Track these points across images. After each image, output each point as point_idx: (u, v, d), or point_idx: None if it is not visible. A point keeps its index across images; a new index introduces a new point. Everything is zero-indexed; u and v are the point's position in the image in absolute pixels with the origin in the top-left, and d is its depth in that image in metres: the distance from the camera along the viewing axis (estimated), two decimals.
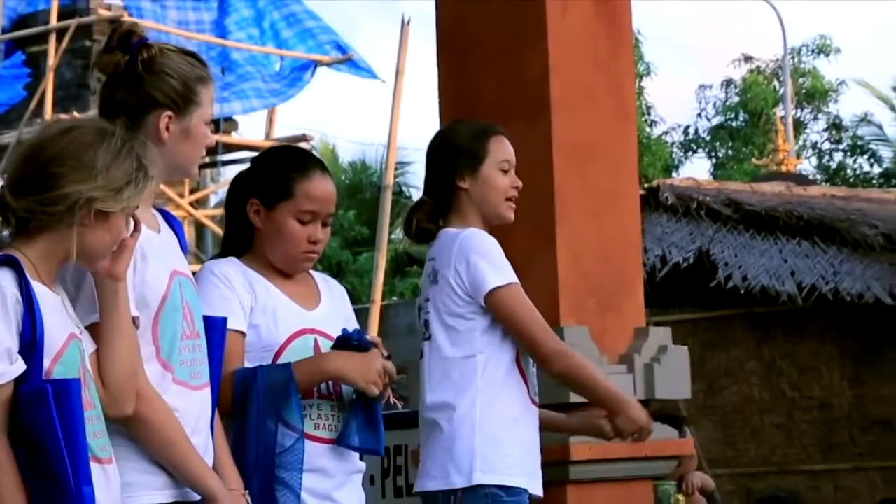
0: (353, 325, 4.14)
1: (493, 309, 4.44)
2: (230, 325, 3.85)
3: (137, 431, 3.41)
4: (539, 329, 4.47)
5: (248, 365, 3.96)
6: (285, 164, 4.16)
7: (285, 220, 4.05)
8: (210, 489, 3.55)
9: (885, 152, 33.39)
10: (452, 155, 4.62)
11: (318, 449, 3.97)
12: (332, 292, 4.22)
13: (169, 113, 3.62)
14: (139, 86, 3.63)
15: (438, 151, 4.71)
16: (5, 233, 3.27)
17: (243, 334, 3.96)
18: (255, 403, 3.88)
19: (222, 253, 4.19)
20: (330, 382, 4.05)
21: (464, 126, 4.75)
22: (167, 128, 3.61)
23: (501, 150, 4.60)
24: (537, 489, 4.50)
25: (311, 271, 4.24)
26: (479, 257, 4.45)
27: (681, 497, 6.84)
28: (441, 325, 4.50)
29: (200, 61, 3.76)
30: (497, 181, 4.57)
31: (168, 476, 3.51)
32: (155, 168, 3.39)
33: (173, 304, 3.56)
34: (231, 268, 4.05)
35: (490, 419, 4.41)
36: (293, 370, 3.94)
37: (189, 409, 3.55)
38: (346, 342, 4.03)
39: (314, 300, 4.13)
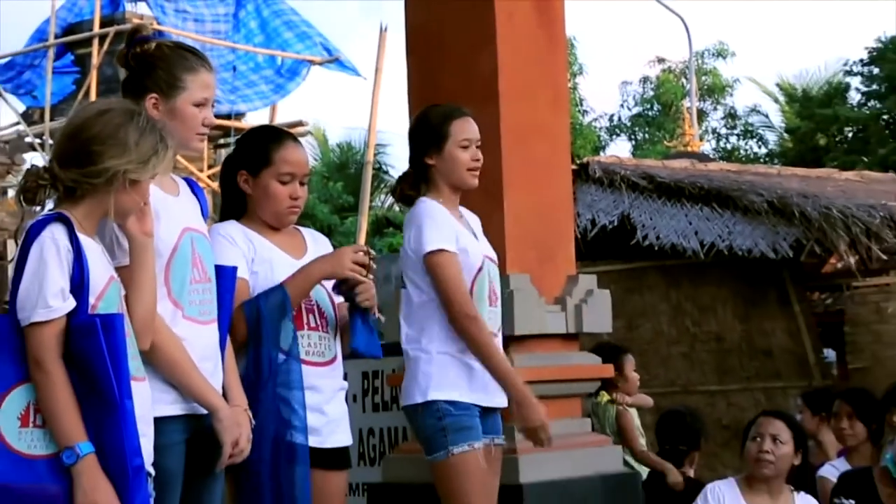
0: None
1: (427, 269, 4.42)
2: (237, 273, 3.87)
3: (150, 356, 3.41)
4: (455, 293, 4.39)
5: None
6: (263, 139, 4.19)
7: (269, 183, 4.07)
8: (211, 403, 3.56)
9: (770, 136, 33.54)
10: (422, 136, 4.63)
11: (310, 370, 3.99)
12: (316, 244, 4.23)
13: (155, 96, 3.64)
14: (134, 74, 3.69)
15: (413, 133, 4.71)
16: (50, 204, 3.28)
17: (247, 280, 3.96)
18: (263, 322, 3.90)
19: (222, 219, 4.18)
20: (317, 315, 4.08)
21: (433, 111, 4.72)
22: (154, 107, 3.62)
23: (461, 130, 4.57)
24: (494, 402, 4.49)
25: (300, 227, 4.25)
26: (424, 225, 4.44)
27: (606, 396, 6.89)
28: (407, 276, 4.52)
29: (195, 54, 3.77)
30: (458, 157, 4.55)
31: (178, 393, 3.52)
32: (172, 139, 3.41)
33: (182, 254, 3.57)
34: (233, 228, 4.08)
35: (443, 349, 4.43)
36: (286, 288, 3.96)
37: (197, 340, 3.57)
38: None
39: (302, 250, 4.15)
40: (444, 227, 4.46)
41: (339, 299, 4.13)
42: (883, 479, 5.62)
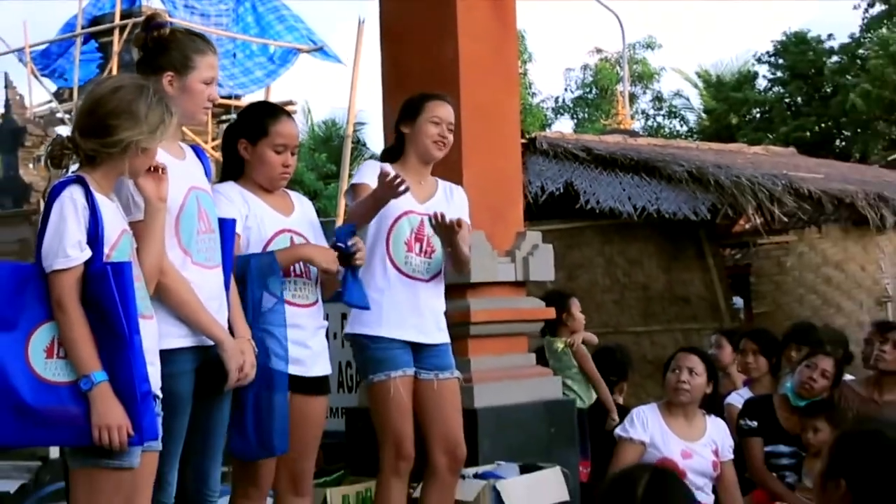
0: (317, 227, 4.15)
1: None
2: None
3: (162, 296, 3.42)
4: (349, 211, 4.50)
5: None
6: (262, 113, 4.15)
7: (265, 152, 4.04)
8: (217, 335, 3.56)
9: (690, 116, 33.52)
10: (402, 109, 4.64)
11: (295, 311, 3.99)
12: (302, 205, 4.21)
13: (170, 74, 3.61)
14: (151, 55, 3.65)
15: (399, 109, 4.70)
16: (74, 166, 3.26)
17: (240, 235, 3.94)
18: (251, 277, 3.88)
19: (222, 180, 4.15)
20: (303, 265, 4.05)
21: (418, 93, 4.71)
22: (170, 84, 3.60)
23: (434, 109, 4.57)
24: (413, 336, 4.45)
25: (289, 191, 4.23)
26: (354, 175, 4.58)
27: (562, 343, 6.89)
28: None
29: (203, 39, 3.76)
30: (426, 129, 4.56)
31: (187, 328, 3.52)
32: (177, 108, 3.38)
33: (189, 209, 3.56)
34: (231, 189, 4.06)
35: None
36: (275, 254, 3.94)
37: (204, 283, 3.56)
38: (336, 248, 4.04)
39: (290, 210, 4.13)
40: (366, 171, 4.50)
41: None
42: (782, 404, 5.70)
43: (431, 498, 4.54)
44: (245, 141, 4.07)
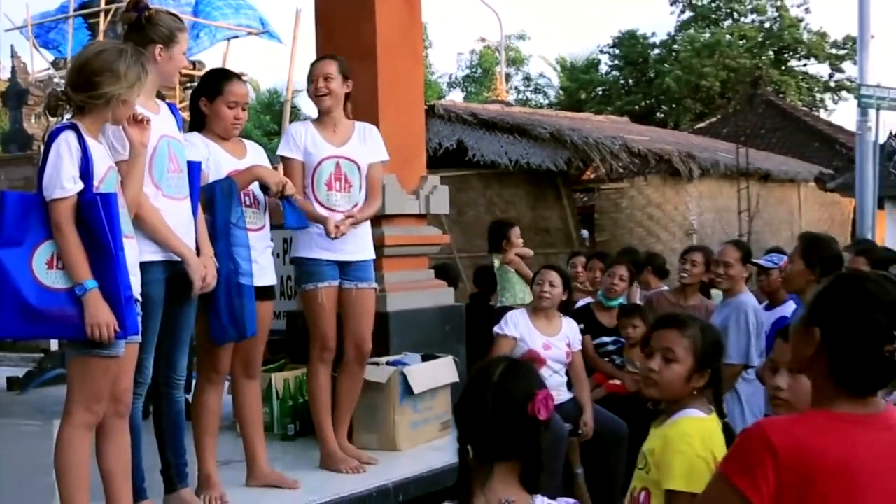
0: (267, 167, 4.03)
1: None
2: None
3: (139, 223, 3.33)
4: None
5: None
6: (217, 77, 4.03)
7: (220, 107, 3.92)
8: (182, 253, 3.48)
9: (550, 92, 33.78)
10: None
11: (247, 234, 3.89)
12: (255, 151, 4.10)
13: (160, 46, 3.49)
14: (143, 31, 3.51)
15: None
16: (68, 115, 3.12)
17: (205, 171, 3.81)
18: (217, 200, 3.77)
19: (190, 130, 4.01)
20: (252, 197, 3.95)
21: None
22: (159, 55, 3.48)
23: (313, 71, 4.39)
24: (339, 257, 4.34)
25: (245, 140, 4.10)
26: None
27: (497, 260, 6.88)
28: None
29: (180, 19, 3.65)
30: (310, 89, 4.40)
31: (158, 246, 3.43)
32: (151, 67, 3.25)
33: (161, 153, 3.46)
34: (196, 138, 3.94)
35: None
36: (233, 178, 3.84)
37: (173, 212, 3.48)
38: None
39: (243, 154, 4.02)
40: (289, 137, 4.36)
41: None
42: (597, 307, 5.88)
43: (343, 383, 4.50)
44: (204, 99, 3.95)
